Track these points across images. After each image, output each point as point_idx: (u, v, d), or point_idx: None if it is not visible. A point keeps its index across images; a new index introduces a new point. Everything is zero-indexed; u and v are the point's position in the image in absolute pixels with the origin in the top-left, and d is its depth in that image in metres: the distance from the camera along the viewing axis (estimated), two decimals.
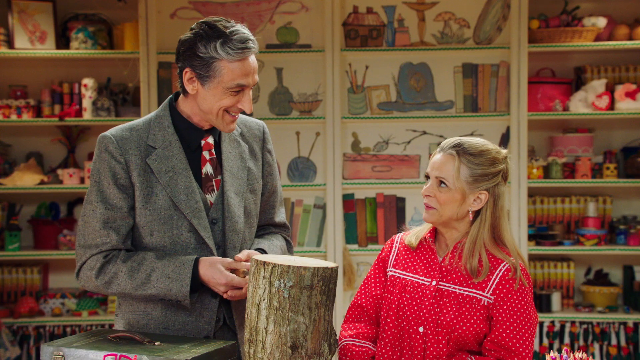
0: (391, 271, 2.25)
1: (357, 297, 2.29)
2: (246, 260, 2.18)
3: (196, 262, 2.16)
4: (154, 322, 2.22)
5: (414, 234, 2.27)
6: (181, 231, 2.18)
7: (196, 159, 2.23)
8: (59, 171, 4.53)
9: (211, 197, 2.23)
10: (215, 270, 2.14)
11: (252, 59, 2.14)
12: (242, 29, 2.13)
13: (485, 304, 2.12)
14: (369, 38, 4.50)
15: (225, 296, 2.16)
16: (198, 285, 2.16)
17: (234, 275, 2.15)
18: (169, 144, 2.19)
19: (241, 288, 2.16)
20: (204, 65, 2.11)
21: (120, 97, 4.59)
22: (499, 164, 2.16)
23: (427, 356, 2.12)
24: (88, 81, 4.46)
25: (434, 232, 2.24)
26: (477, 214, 2.16)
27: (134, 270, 2.15)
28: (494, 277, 2.12)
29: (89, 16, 4.59)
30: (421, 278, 2.19)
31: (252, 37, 2.13)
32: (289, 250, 2.44)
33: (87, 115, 4.45)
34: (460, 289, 2.14)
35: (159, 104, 4.39)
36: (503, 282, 2.12)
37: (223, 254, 2.24)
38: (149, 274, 2.14)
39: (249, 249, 2.29)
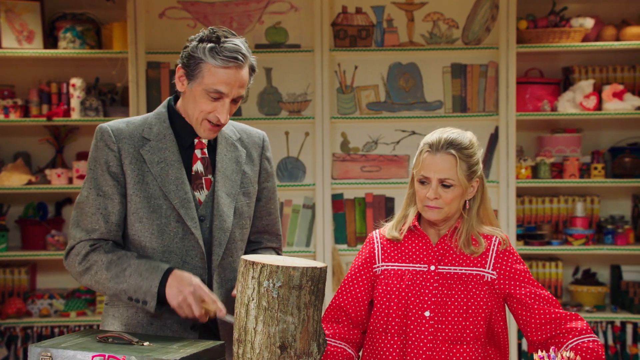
0: (382, 266, 2.25)
1: (336, 298, 2.29)
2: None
3: (169, 270, 2.16)
4: (142, 312, 2.24)
5: (392, 227, 2.28)
6: (169, 220, 2.21)
7: (188, 156, 2.27)
8: (47, 171, 4.51)
9: (200, 195, 2.26)
10: (186, 276, 2.14)
11: (241, 73, 2.17)
12: (238, 42, 2.18)
13: (489, 279, 2.18)
14: (358, 38, 4.50)
15: (177, 306, 2.14)
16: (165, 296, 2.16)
17: (193, 301, 2.12)
18: (163, 137, 2.25)
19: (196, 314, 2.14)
20: (191, 64, 2.17)
21: (109, 97, 4.58)
22: (478, 147, 2.24)
23: (437, 338, 2.14)
24: (76, 81, 4.44)
25: (418, 219, 2.26)
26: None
27: (113, 263, 2.18)
28: (491, 252, 2.20)
29: (77, 16, 4.57)
30: (417, 265, 2.21)
31: (244, 52, 2.17)
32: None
33: (75, 115, 4.43)
34: (461, 269, 2.18)
35: (148, 103, 4.39)
36: (500, 254, 2.20)
37: (209, 250, 2.25)
38: (125, 268, 2.17)
39: (239, 249, 2.30)
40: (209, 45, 2.14)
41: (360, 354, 2.30)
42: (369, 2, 4.50)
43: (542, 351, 2.01)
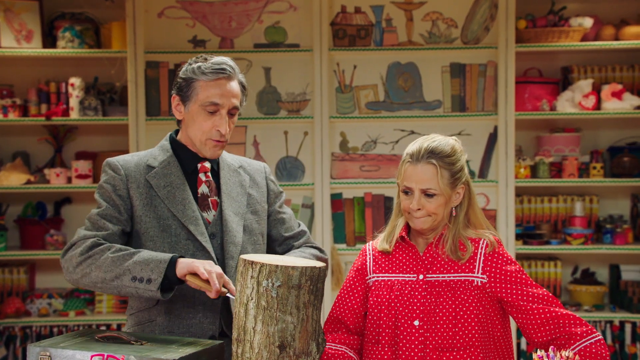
0: (374, 277, 2.26)
1: (334, 310, 2.29)
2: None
3: (176, 257, 2.17)
4: (159, 328, 2.26)
5: (384, 239, 2.28)
6: (179, 239, 2.26)
7: (192, 180, 2.34)
8: (46, 171, 4.51)
9: (208, 215, 2.32)
10: (190, 261, 2.14)
11: (231, 85, 2.28)
12: (224, 58, 2.31)
13: (479, 284, 2.15)
14: (357, 38, 4.50)
15: (201, 275, 2.12)
16: (175, 281, 2.14)
17: (216, 273, 2.11)
18: (168, 164, 2.33)
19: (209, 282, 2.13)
20: (184, 86, 2.28)
21: (108, 97, 4.57)
22: (462, 153, 2.22)
23: (427, 347, 2.12)
24: (75, 80, 4.43)
25: (407, 229, 2.26)
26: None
27: (119, 249, 2.18)
28: (479, 256, 2.17)
29: (76, 15, 4.57)
30: (406, 276, 2.20)
31: (231, 64, 2.30)
32: (322, 253, 2.45)
33: (74, 114, 4.43)
34: (450, 276, 2.16)
35: (147, 103, 4.39)
36: (489, 257, 2.17)
37: (222, 264, 2.28)
38: (132, 252, 2.17)
39: None
40: (197, 64, 2.28)
41: None
42: (368, 1, 4.49)
43: (541, 350, 2.01)
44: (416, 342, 2.13)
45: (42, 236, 4.54)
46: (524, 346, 4.49)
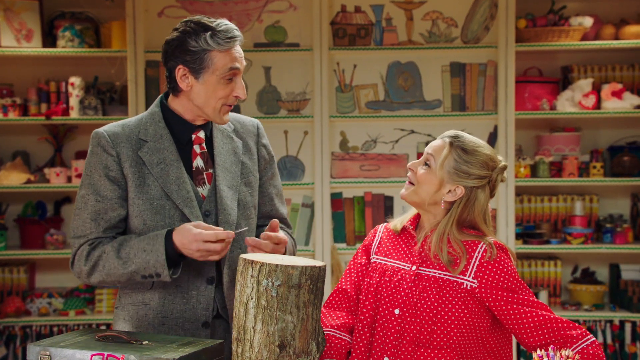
0: (374, 258, 2.26)
1: (341, 282, 2.30)
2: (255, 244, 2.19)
3: (169, 233, 2.17)
4: (152, 312, 2.25)
5: (399, 220, 2.29)
6: (173, 220, 2.22)
7: (187, 153, 2.28)
8: (46, 170, 4.51)
9: (203, 190, 2.27)
10: (185, 231, 2.14)
11: (238, 47, 2.25)
12: (226, 21, 2.25)
13: (468, 287, 2.11)
14: (357, 37, 4.50)
15: (201, 259, 2.14)
16: (177, 257, 2.16)
17: (202, 230, 2.12)
18: (160, 137, 2.25)
19: (218, 250, 2.14)
20: (196, 58, 2.20)
21: (108, 96, 4.57)
22: (488, 170, 2.16)
23: (404, 338, 2.11)
24: (75, 80, 4.43)
25: (416, 220, 2.26)
26: (451, 205, 2.17)
27: (117, 251, 2.19)
28: (473, 260, 2.12)
29: (76, 14, 4.57)
30: (402, 264, 2.19)
31: (236, 27, 2.25)
32: (294, 247, 2.44)
33: (74, 114, 4.43)
34: (441, 273, 2.14)
35: (147, 102, 4.39)
36: (485, 264, 2.11)
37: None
38: (128, 251, 2.18)
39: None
40: (208, 33, 2.20)
41: None
42: (368, 1, 4.49)
43: (541, 350, 2.00)
44: (392, 331, 2.12)
45: (42, 236, 4.54)
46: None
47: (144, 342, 2.00)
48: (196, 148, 2.29)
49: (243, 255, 2.01)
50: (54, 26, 4.54)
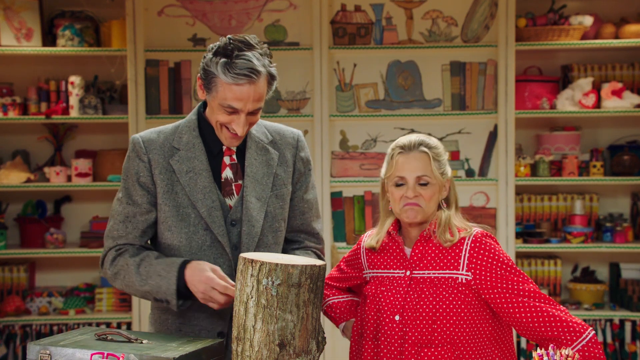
0: (369, 273, 2.31)
1: (341, 263, 2.42)
2: None
3: (184, 264, 2.18)
4: (172, 318, 2.29)
5: (373, 236, 2.31)
6: (197, 229, 2.24)
7: (217, 163, 2.29)
8: (46, 169, 4.51)
9: (231, 201, 2.27)
10: (198, 270, 2.15)
11: (254, 88, 2.14)
12: (251, 56, 2.13)
13: (464, 281, 2.14)
14: (357, 36, 4.50)
15: (202, 301, 2.16)
16: (186, 290, 2.18)
17: (215, 276, 2.13)
18: (193, 146, 2.27)
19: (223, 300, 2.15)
20: (206, 77, 2.18)
21: (108, 95, 4.57)
22: (444, 151, 2.28)
23: (406, 342, 2.14)
24: (75, 79, 4.43)
25: (397, 225, 2.28)
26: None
27: (137, 265, 2.23)
28: (463, 252, 2.16)
29: (76, 13, 4.57)
30: (396, 272, 2.23)
31: (258, 68, 2.13)
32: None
33: (74, 113, 4.43)
34: (434, 273, 2.17)
35: (147, 101, 4.39)
36: (475, 254, 2.15)
37: (239, 253, 2.25)
38: (148, 270, 2.21)
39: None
40: (222, 60, 2.12)
41: None
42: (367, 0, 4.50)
43: (541, 349, 2.00)
44: (395, 337, 2.16)
45: (42, 235, 4.53)
46: (524, 345, 4.49)
47: (144, 341, 2.00)
48: (226, 159, 2.29)
49: (243, 255, 2.01)
50: (53, 25, 4.54)
